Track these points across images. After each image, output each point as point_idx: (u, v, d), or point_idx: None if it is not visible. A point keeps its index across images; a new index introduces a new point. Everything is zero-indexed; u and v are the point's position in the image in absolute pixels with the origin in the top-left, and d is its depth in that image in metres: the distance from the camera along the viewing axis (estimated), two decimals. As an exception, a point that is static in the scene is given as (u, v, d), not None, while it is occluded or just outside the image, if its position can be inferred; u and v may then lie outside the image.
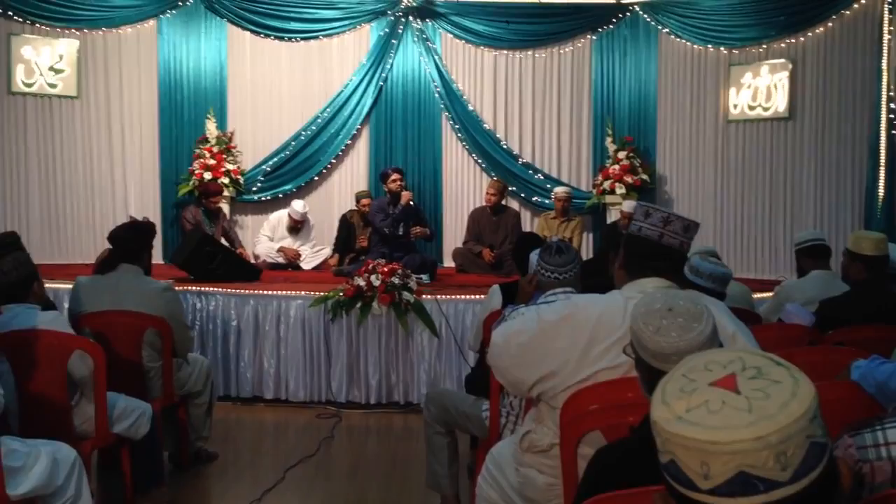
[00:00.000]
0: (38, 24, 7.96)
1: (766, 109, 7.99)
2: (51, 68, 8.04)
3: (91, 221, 8.28)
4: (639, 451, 1.51)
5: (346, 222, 8.14)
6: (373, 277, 5.90)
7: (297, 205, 8.18)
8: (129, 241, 4.32)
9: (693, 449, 0.98)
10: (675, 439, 1.00)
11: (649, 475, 1.26)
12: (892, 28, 7.13)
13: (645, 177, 8.35)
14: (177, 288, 5.45)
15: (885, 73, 7.17)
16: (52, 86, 8.07)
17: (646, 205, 2.37)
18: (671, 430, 1.00)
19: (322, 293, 6.07)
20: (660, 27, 8.54)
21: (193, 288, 6.20)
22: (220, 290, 6.20)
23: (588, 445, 2.16)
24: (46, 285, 5.76)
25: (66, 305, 5.19)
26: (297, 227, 8.17)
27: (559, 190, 8.28)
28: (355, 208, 8.20)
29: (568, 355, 2.26)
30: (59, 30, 8.07)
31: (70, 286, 5.29)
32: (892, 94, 7.10)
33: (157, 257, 7.50)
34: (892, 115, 7.10)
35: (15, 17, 7.82)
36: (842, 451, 1.66)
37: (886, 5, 7.18)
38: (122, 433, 3.78)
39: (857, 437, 1.66)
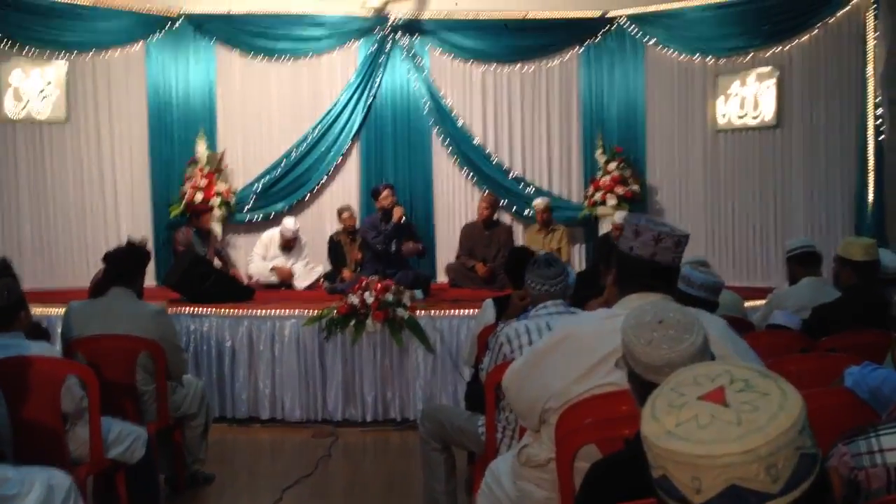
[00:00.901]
0: (26, 50, 7.95)
1: (754, 118, 8.03)
2: (40, 93, 8.04)
3: (83, 245, 8.25)
4: (633, 465, 1.51)
5: (332, 243, 8.16)
6: (366, 295, 5.90)
7: (289, 222, 8.19)
8: (123, 261, 4.31)
9: (684, 463, 0.99)
10: (665, 454, 1.01)
11: (644, 488, 1.26)
12: (876, 35, 7.18)
13: (636, 187, 8.36)
14: (170, 310, 5.46)
15: (870, 80, 7.22)
16: (42, 111, 8.06)
17: (635, 223, 2.36)
18: (661, 446, 1.01)
19: (316, 312, 6.06)
20: (646, 38, 8.58)
21: (186, 309, 6.19)
22: (213, 311, 6.20)
23: (584, 459, 2.16)
24: (39, 311, 5.80)
25: (59, 330, 5.19)
26: (290, 245, 8.18)
27: (537, 201, 8.29)
28: (340, 226, 8.21)
29: (564, 376, 2.27)
30: (46, 54, 8.07)
31: (62, 311, 5.30)
32: (878, 100, 7.15)
33: (150, 279, 7.49)
34: (878, 121, 7.15)
35: (2, 43, 7.82)
36: (837, 460, 1.66)
37: (871, 12, 7.24)
38: (117, 458, 3.76)
39: (851, 445, 1.67)
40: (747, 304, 5.58)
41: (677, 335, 1.72)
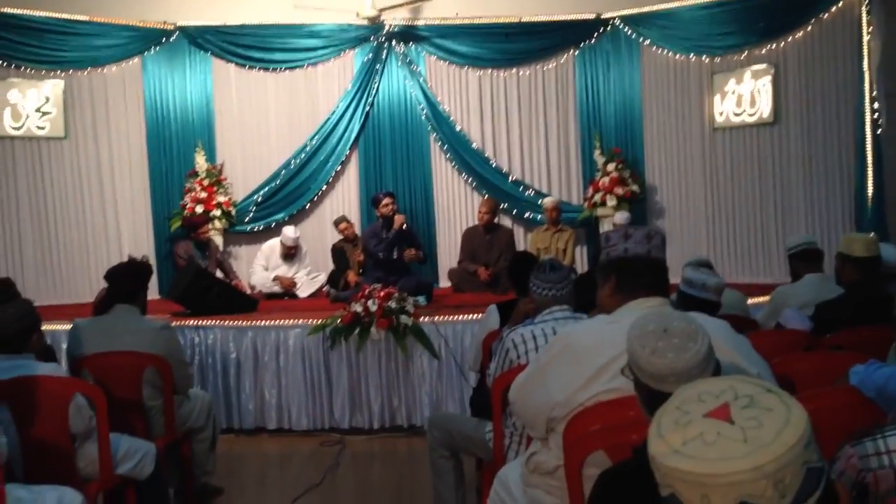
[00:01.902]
0: (22, 68, 7.98)
1: (751, 115, 8.04)
2: (37, 110, 8.05)
3: (85, 261, 8.28)
4: (642, 472, 1.52)
5: (336, 251, 8.15)
6: (370, 302, 5.91)
7: (289, 231, 8.21)
8: (125, 280, 4.33)
9: (692, 482, 1.00)
10: (673, 473, 1.01)
11: (653, 496, 1.27)
12: (870, 29, 7.19)
13: (635, 188, 8.38)
14: (174, 323, 5.48)
15: (866, 74, 7.23)
16: (40, 128, 8.08)
17: (620, 228, 2.43)
18: (669, 465, 1.02)
19: (320, 321, 6.07)
20: (641, 39, 8.60)
21: (191, 322, 6.20)
22: (217, 323, 6.20)
23: (593, 466, 2.17)
24: (43, 327, 5.81)
25: (64, 346, 5.21)
26: (291, 253, 8.19)
27: (547, 200, 8.32)
28: (340, 236, 8.22)
29: (567, 386, 2.28)
30: (43, 72, 8.09)
31: (66, 327, 5.31)
32: (874, 94, 7.16)
33: (153, 292, 7.52)
34: (876, 115, 7.16)
35: None
36: (844, 462, 1.67)
37: (864, 7, 7.25)
38: (126, 474, 3.76)
39: (858, 447, 1.68)
40: (750, 300, 5.57)
41: (682, 344, 1.74)
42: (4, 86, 7.91)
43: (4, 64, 7.89)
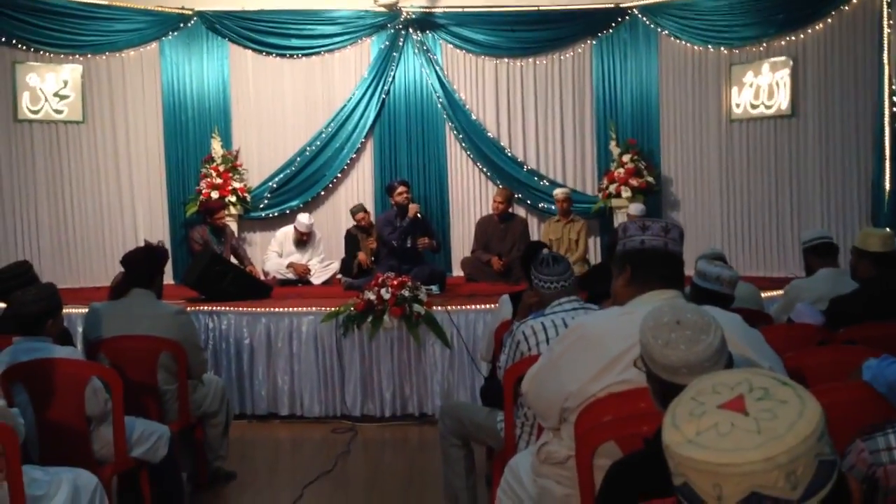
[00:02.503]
0: (41, 52, 8.03)
1: (768, 108, 8.00)
2: (56, 94, 8.11)
3: (101, 245, 8.34)
4: (653, 464, 1.52)
5: (349, 236, 8.17)
6: (383, 291, 5.93)
7: (303, 217, 8.23)
8: (142, 265, 4.36)
9: (705, 472, 1.01)
10: (687, 462, 1.02)
11: (664, 487, 1.28)
12: (891, 22, 7.13)
13: (650, 179, 8.35)
14: (188, 308, 5.52)
15: (886, 67, 7.17)
16: (58, 112, 8.14)
17: (638, 220, 2.43)
18: (682, 454, 1.03)
19: (333, 308, 6.10)
20: (659, 29, 8.56)
21: (205, 308, 6.23)
22: (231, 308, 6.23)
23: (603, 457, 2.18)
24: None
25: (80, 330, 5.26)
26: (304, 240, 8.21)
27: (558, 191, 8.30)
28: (354, 223, 8.23)
29: (580, 377, 2.29)
30: (62, 56, 8.14)
31: (82, 310, 5.37)
32: (894, 87, 7.10)
33: (168, 278, 7.56)
34: (894, 109, 7.10)
35: (19, 46, 7.90)
36: (855, 457, 1.67)
37: (885, 0, 7.18)
38: (140, 457, 3.81)
39: (869, 442, 1.67)
40: (764, 294, 5.55)
41: (694, 336, 1.74)
42: (23, 69, 7.96)
43: (23, 47, 7.94)
